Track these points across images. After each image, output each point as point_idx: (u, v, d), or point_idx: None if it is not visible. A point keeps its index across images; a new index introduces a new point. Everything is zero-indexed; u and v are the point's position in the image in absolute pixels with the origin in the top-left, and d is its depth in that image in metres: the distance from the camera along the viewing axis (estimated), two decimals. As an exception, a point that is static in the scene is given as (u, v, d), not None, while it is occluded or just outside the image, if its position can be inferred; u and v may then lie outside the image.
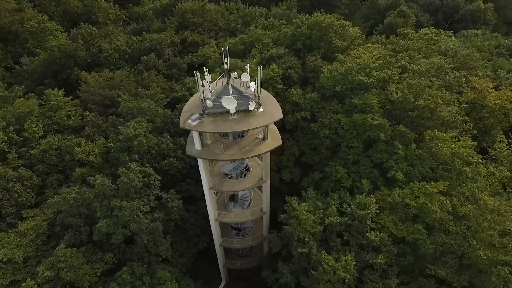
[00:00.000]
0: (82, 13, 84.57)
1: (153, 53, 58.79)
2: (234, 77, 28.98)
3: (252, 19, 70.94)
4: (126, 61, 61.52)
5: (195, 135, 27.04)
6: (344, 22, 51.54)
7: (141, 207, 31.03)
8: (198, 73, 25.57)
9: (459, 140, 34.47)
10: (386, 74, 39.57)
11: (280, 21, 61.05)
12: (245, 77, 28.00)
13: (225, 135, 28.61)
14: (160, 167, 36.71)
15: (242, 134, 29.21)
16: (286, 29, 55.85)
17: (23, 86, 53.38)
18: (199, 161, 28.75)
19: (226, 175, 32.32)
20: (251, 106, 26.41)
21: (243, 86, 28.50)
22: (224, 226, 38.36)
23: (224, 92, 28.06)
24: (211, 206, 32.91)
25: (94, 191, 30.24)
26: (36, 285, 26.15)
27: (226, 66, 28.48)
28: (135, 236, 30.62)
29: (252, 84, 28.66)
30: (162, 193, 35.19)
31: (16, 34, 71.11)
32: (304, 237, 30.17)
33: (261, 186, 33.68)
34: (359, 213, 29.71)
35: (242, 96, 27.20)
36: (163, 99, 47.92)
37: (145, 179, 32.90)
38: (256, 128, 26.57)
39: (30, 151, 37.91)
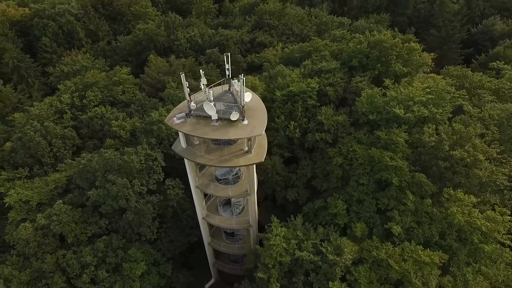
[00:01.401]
0: (184, 3, 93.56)
1: (217, 47, 61.73)
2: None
3: (327, 29, 68.27)
4: (196, 51, 65.96)
5: (180, 133, 27.97)
6: (414, 45, 45.73)
7: (136, 187, 33.65)
8: (183, 75, 26.25)
9: (492, 210, 27.85)
10: (429, 111, 34.10)
11: (354, 35, 56.80)
12: (238, 86, 27.61)
13: (215, 139, 28.82)
14: (175, 155, 38.91)
15: (230, 142, 29.05)
16: (351, 44, 52.35)
17: (106, 60, 62.39)
18: (185, 159, 29.67)
19: (218, 179, 32.58)
20: (234, 116, 26.03)
21: (238, 96, 28.18)
22: (218, 227, 38.83)
23: (220, 97, 28.29)
24: (198, 204, 33.71)
25: (101, 162, 34.06)
26: (32, 228, 31.17)
27: (227, 72, 28.63)
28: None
29: (248, 94, 28.13)
30: (167, 180, 37.36)
31: (123, 15, 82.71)
32: (268, 263, 28.64)
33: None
34: (331, 257, 26.74)
35: (232, 105, 27.01)
36: (206, 93, 50.20)
37: (149, 162, 35.40)
38: (232, 139, 26.08)
39: (81, 116, 44.50)
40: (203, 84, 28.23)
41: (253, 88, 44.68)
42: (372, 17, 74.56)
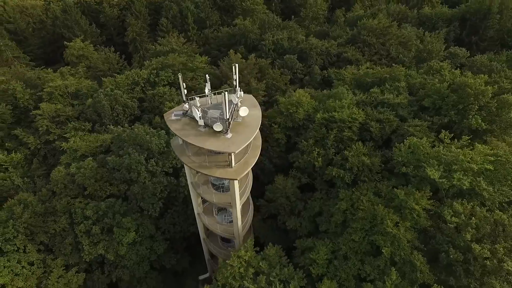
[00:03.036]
0: (298, 4, 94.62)
1: (296, 54, 60.90)
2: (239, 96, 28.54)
3: (430, 58, 59.32)
4: (279, 54, 66.28)
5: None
6: (508, 97, 36.35)
7: (150, 165, 36.96)
8: (180, 75, 27.24)
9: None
10: (469, 183, 26.97)
11: (455, 71, 47.73)
12: (233, 98, 27.15)
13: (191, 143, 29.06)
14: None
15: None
16: (435, 80, 44.76)
17: (204, 47, 68.87)
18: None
19: (212, 183, 33.02)
20: (217, 127, 25.91)
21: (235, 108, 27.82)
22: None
23: (219, 105, 28.45)
24: (194, 200, 34.89)
25: (131, 135, 38.38)
26: (64, 173, 37.59)
27: (235, 83, 28.57)
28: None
29: (245, 109, 27.46)
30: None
31: (234, 8, 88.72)
32: (219, 280, 28.04)
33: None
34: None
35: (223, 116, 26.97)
36: (262, 97, 50.57)
37: (170, 148, 38.21)
38: (205, 148, 25.93)
39: (148, 91, 50.62)
40: (208, 89, 28.84)
41: (298, 103, 42.88)
42: (503, 54, 61.32)
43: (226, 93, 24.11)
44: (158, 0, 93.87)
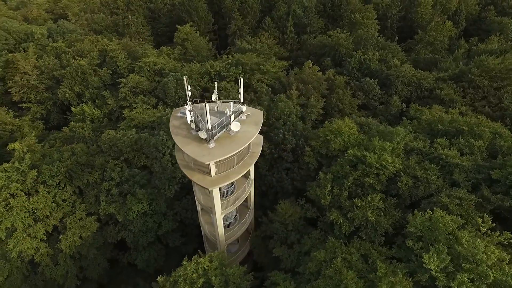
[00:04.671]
0: (418, 26, 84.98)
1: (377, 79, 55.58)
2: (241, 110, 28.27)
3: None
4: (363, 75, 61.18)
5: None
6: None
7: (173, 151, 39.89)
8: (186, 77, 28.19)
9: None
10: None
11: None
12: (227, 110, 26.96)
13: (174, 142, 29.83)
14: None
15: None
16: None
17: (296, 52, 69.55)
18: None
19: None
20: (201, 134, 26.32)
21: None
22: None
23: (222, 112, 28.80)
24: (196, 195, 36.40)
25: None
26: (112, 136, 43.29)
27: (240, 96, 28.44)
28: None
29: (236, 124, 27.03)
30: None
31: (342, 19, 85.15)
32: (173, 277, 28.93)
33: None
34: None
35: (217, 122, 27.29)
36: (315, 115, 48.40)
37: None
38: (183, 150, 26.59)
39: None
40: (216, 97, 29.37)
41: (337, 131, 39.20)
42: None
43: (207, 104, 24.25)
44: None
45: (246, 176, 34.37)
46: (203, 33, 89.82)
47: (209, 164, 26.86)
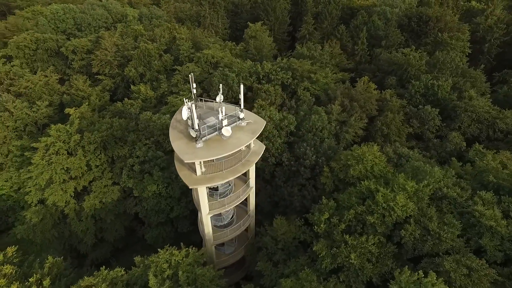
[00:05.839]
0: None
1: (439, 109, 48.83)
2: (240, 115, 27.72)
3: None
4: (428, 102, 54.39)
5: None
6: None
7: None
8: (191, 74, 28.44)
9: None
10: None
11: None
12: (220, 114, 26.50)
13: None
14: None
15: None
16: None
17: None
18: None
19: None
20: (191, 132, 26.54)
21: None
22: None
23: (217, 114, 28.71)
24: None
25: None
26: (149, 118, 46.49)
27: (240, 102, 27.96)
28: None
29: (227, 129, 26.54)
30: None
31: (426, 36, 76.60)
32: (148, 261, 30.14)
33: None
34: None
35: (209, 123, 27.32)
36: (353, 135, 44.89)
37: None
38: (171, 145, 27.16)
39: (259, 85, 53.68)
40: (221, 99, 29.22)
41: (360, 157, 35.49)
42: None
43: (193, 105, 24.36)
44: (358, 7, 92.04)
45: (246, 181, 33.77)
46: (277, 33, 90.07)
47: (193, 162, 27.10)
